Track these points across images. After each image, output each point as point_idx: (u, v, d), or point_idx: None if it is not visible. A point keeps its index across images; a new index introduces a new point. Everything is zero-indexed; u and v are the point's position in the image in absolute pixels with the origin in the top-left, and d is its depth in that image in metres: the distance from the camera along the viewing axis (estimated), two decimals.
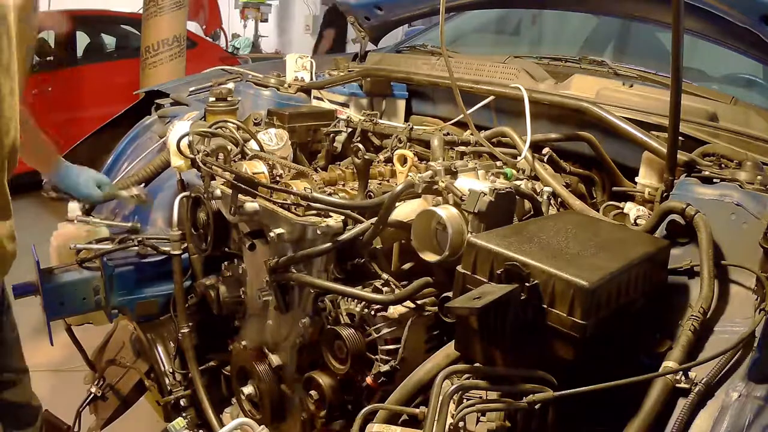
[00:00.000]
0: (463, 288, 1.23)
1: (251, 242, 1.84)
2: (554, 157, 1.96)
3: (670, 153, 1.52)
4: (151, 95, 3.01)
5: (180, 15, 5.58)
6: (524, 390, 1.13)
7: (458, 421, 1.15)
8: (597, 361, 1.14)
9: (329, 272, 1.67)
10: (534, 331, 1.13)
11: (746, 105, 1.93)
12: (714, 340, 1.21)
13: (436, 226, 1.52)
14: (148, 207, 2.33)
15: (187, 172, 2.09)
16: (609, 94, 1.98)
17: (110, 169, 2.72)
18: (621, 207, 1.76)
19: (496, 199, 1.46)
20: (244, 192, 1.69)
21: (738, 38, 1.97)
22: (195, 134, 1.87)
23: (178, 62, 5.56)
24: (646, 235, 1.45)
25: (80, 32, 7.02)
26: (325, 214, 1.64)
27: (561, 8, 2.80)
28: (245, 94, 2.64)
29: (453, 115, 2.23)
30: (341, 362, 1.57)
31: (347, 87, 2.55)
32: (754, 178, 1.47)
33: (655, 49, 2.74)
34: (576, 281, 1.09)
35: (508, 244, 1.21)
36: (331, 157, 2.29)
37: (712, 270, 1.28)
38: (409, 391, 1.35)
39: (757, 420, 1.03)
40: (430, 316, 1.55)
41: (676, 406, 1.09)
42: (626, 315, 1.21)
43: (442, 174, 1.57)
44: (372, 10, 2.80)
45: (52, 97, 6.40)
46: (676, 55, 1.41)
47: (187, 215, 2.01)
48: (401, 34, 5.12)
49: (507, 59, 2.34)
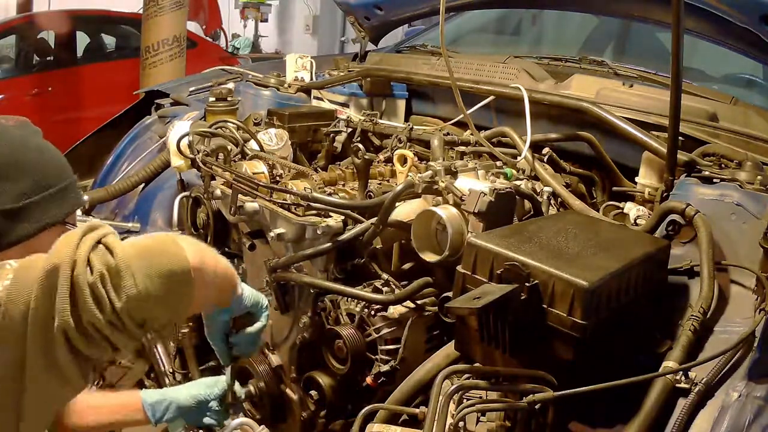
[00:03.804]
0: (463, 288, 1.23)
1: (251, 242, 1.84)
2: (554, 157, 1.96)
3: (670, 153, 1.52)
4: (151, 95, 3.01)
5: (180, 15, 5.58)
6: (524, 390, 1.13)
7: (458, 421, 1.15)
8: (597, 361, 1.14)
9: (329, 272, 1.67)
10: (534, 331, 1.13)
11: (746, 105, 1.93)
12: (714, 340, 1.21)
13: (436, 226, 1.52)
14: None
15: (187, 172, 2.09)
16: (609, 94, 1.98)
17: (110, 169, 2.72)
18: (621, 207, 1.76)
19: (496, 199, 1.46)
20: (244, 192, 1.69)
21: (738, 38, 1.96)
22: (195, 134, 1.87)
23: (178, 62, 5.56)
24: (646, 235, 1.45)
25: (80, 32, 7.02)
26: (325, 214, 1.64)
27: (561, 8, 2.80)
28: (245, 94, 2.64)
29: (453, 115, 2.23)
30: (341, 362, 1.57)
31: (347, 87, 2.55)
32: (754, 178, 1.47)
33: (655, 49, 2.74)
34: (576, 281, 1.09)
35: (508, 244, 1.21)
36: (331, 157, 2.29)
37: (712, 270, 1.28)
38: (409, 391, 1.35)
39: (757, 420, 1.03)
40: (430, 316, 1.55)
41: (676, 406, 1.09)
42: (626, 315, 1.21)
43: (442, 174, 1.57)
44: (372, 10, 2.80)
45: (52, 97, 6.40)
46: (676, 55, 1.41)
47: (187, 215, 2.02)
48: (401, 34, 5.12)
49: (507, 59, 2.34)
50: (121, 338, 0.93)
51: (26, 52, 6.85)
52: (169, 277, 0.95)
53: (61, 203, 1.23)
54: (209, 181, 1.82)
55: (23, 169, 1.17)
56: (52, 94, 6.43)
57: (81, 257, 0.91)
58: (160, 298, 0.94)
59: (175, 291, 0.97)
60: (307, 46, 10.57)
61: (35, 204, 1.18)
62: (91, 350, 0.92)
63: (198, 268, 1.00)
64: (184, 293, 0.99)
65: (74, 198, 1.27)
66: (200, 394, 1.57)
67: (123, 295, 0.91)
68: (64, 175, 1.25)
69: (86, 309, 0.89)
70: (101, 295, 0.90)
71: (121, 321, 0.91)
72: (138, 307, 0.92)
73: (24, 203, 1.16)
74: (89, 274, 0.90)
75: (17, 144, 1.19)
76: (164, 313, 0.98)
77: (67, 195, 1.24)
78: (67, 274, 0.90)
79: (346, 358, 1.54)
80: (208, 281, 1.07)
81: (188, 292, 0.99)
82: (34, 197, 1.17)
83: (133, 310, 0.92)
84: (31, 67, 6.79)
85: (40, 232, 1.18)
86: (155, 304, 0.94)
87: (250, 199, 1.72)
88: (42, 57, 6.86)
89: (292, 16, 12.08)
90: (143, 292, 0.92)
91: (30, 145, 1.22)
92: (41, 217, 1.18)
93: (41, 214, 1.18)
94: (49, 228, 1.20)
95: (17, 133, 1.22)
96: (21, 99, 6.31)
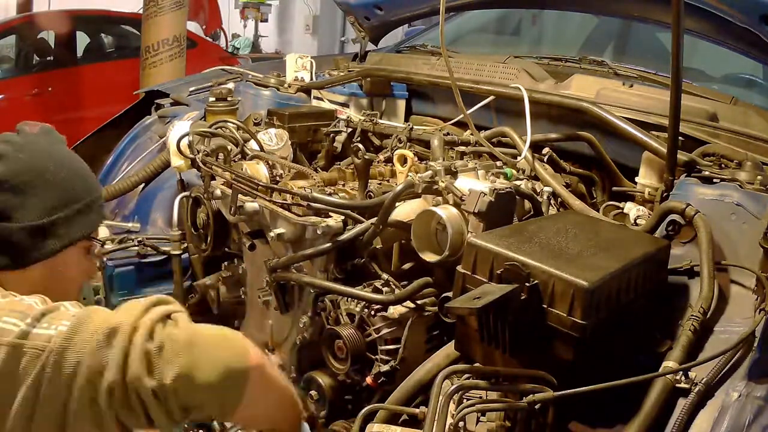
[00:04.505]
0: (463, 288, 1.23)
1: (251, 242, 1.84)
2: (554, 157, 1.96)
3: (670, 153, 1.52)
4: (151, 95, 3.01)
5: (180, 15, 5.58)
6: (524, 390, 1.13)
7: (458, 421, 1.15)
8: (597, 361, 1.14)
9: (329, 272, 1.67)
10: (534, 331, 1.13)
11: (746, 105, 1.93)
12: (714, 340, 1.21)
13: (436, 226, 1.52)
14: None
15: (187, 172, 2.09)
16: (609, 94, 1.98)
17: (110, 169, 2.72)
18: (621, 207, 1.76)
19: (496, 199, 1.46)
20: (244, 192, 1.69)
21: (738, 38, 1.96)
22: (195, 134, 1.87)
23: (178, 62, 5.55)
24: (646, 235, 1.45)
25: (80, 32, 7.01)
26: (325, 214, 1.64)
27: (561, 8, 2.80)
28: (245, 94, 2.63)
29: (453, 115, 2.23)
30: (341, 362, 1.57)
31: (347, 87, 2.55)
32: (754, 178, 1.47)
33: (655, 49, 2.73)
34: (576, 281, 1.09)
35: (508, 244, 1.21)
36: (331, 157, 2.29)
37: (712, 270, 1.28)
38: (409, 391, 1.35)
39: (757, 420, 1.03)
40: (430, 316, 1.55)
41: (676, 406, 1.09)
42: (626, 315, 1.21)
43: (442, 174, 1.57)
44: (372, 10, 2.80)
45: (52, 97, 6.40)
46: (676, 55, 1.41)
47: (187, 215, 2.02)
48: (401, 34, 5.12)
49: (507, 59, 2.34)
50: (160, 414, 0.89)
51: (26, 52, 6.85)
52: (226, 368, 0.92)
53: (88, 218, 1.20)
54: (209, 181, 1.82)
55: (50, 183, 1.14)
56: (52, 94, 6.42)
57: (145, 324, 0.89)
58: (212, 387, 0.91)
59: (229, 386, 0.93)
60: (307, 46, 10.56)
61: (62, 220, 1.15)
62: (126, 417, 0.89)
63: (258, 370, 0.97)
64: (236, 390, 0.94)
65: (99, 213, 1.24)
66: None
67: (176, 372, 0.88)
68: (92, 189, 1.23)
69: (136, 373, 0.87)
70: (155, 363, 0.88)
71: (165, 396, 0.88)
72: (187, 389, 0.89)
73: (50, 219, 1.13)
74: (149, 340, 0.88)
75: (44, 156, 1.16)
76: (211, 405, 0.94)
77: (94, 210, 1.21)
78: (127, 334, 0.88)
79: (346, 358, 1.54)
80: (266, 389, 1.02)
81: (240, 390, 0.95)
82: (60, 213, 1.14)
83: (180, 390, 0.89)
84: (31, 67, 6.78)
85: (66, 249, 1.16)
86: (204, 392, 0.91)
87: (250, 199, 1.72)
88: (42, 57, 6.86)
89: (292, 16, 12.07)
90: (197, 374, 0.89)
91: (59, 157, 1.19)
92: (67, 234, 1.16)
93: (67, 230, 1.15)
94: (74, 244, 1.18)
95: (43, 143, 1.19)
96: (21, 99, 6.31)
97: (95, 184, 1.26)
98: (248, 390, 0.95)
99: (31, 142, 1.18)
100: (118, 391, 0.87)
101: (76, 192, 1.18)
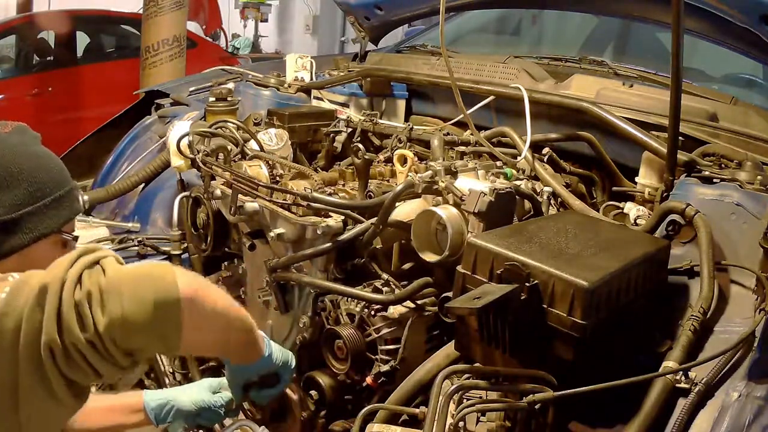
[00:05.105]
0: (463, 288, 1.23)
1: (251, 242, 1.84)
2: (554, 157, 1.96)
3: (670, 153, 1.52)
4: (151, 95, 3.01)
5: (180, 15, 5.58)
6: (524, 390, 1.13)
7: (458, 421, 1.15)
8: (597, 361, 1.14)
9: (329, 272, 1.67)
10: (534, 331, 1.13)
11: (746, 105, 1.93)
12: (714, 340, 1.21)
13: (436, 226, 1.52)
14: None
15: (187, 172, 2.09)
16: (609, 94, 1.98)
17: (110, 169, 2.72)
18: (621, 207, 1.76)
19: (496, 199, 1.46)
20: (244, 192, 1.69)
21: (738, 38, 1.96)
22: (195, 134, 1.87)
23: (178, 62, 5.55)
24: (646, 235, 1.45)
25: (80, 32, 7.01)
26: (325, 214, 1.64)
27: (561, 8, 2.80)
28: (245, 94, 2.64)
29: (453, 115, 2.23)
30: (341, 362, 1.57)
31: (347, 87, 2.55)
32: (754, 178, 1.47)
33: (655, 49, 2.74)
34: (576, 281, 1.09)
35: (508, 244, 1.21)
36: (331, 157, 2.29)
37: (712, 270, 1.28)
38: (409, 391, 1.35)
39: (757, 420, 1.03)
40: (430, 316, 1.55)
41: (676, 406, 1.09)
42: (626, 315, 1.21)
43: (442, 174, 1.57)
44: (372, 10, 2.80)
45: (52, 97, 6.40)
46: (676, 55, 1.41)
47: (187, 215, 2.01)
48: (401, 34, 5.12)
49: (507, 59, 2.34)
50: (103, 364, 0.89)
51: (26, 52, 6.85)
52: (155, 304, 0.91)
53: (57, 213, 1.21)
54: (209, 181, 1.82)
55: (18, 178, 1.16)
56: (52, 94, 6.42)
57: (72, 276, 0.90)
58: (146, 325, 0.90)
59: (162, 320, 0.92)
60: (307, 46, 10.56)
61: (30, 214, 1.16)
62: (73, 373, 0.89)
63: (190, 300, 0.96)
64: (171, 323, 0.93)
65: (71, 207, 1.25)
66: (203, 400, 1.53)
67: (106, 317, 0.87)
68: (61, 184, 1.23)
69: (68, 327, 0.87)
70: (85, 313, 0.88)
71: (103, 344, 0.88)
72: (122, 332, 0.89)
73: (18, 214, 1.15)
74: (77, 291, 0.89)
75: (13, 152, 1.18)
76: (152, 343, 0.94)
77: (64, 204, 1.23)
78: (56, 290, 0.88)
79: (346, 358, 1.54)
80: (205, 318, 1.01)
81: (176, 321, 0.94)
82: (28, 207, 1.16)
83: (116, 335, 0.88)
84: (31, 67, 6.78)
85: (35, 243, 1.17)
86: (140, 332, 0.90)
87: (250, 199, 1.72)
88: (42, 57, 6.86)
89: (292, 16, 12.07)
90: (128, 316, 0.88)
91: (26, 153, 1.20)
92: (36, 228, 1.17)
93: (36, 224, 1.17)
94: (44, 238, 1.19)
95: (14, 140, 1.21)
96: (21, 99, 6.31)
97: (65, 179, 1.26)
98: (185, 320, 0.94)
99: (1, 140, 1.20)
100: (56, 350, 0.87)
101: (45, 187, 1.19)
